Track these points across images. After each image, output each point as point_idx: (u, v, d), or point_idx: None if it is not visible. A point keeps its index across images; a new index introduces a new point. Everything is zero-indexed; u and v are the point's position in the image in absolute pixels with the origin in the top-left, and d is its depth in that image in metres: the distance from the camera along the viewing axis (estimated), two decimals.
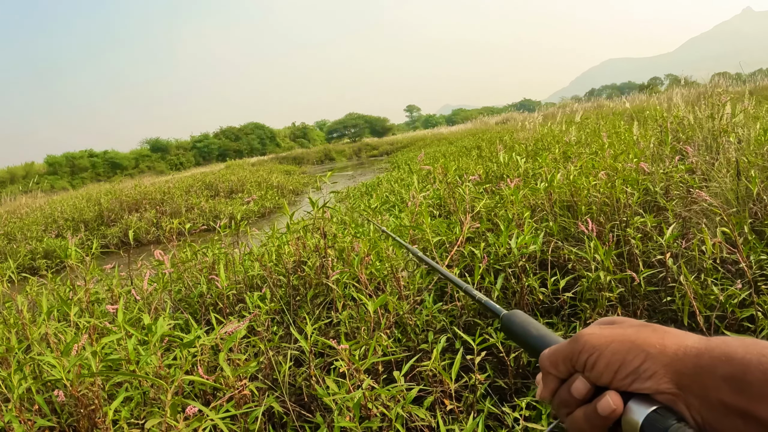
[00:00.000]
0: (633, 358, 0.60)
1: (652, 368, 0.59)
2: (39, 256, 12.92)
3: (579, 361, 0.65)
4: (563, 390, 0.67)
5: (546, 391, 0.70)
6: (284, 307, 3.46)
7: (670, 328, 0.63)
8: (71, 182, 57.18)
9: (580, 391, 0.64)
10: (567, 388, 0.66)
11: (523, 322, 0.80)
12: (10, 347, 2.43)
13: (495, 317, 0.87)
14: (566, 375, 0.68)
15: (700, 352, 0.57)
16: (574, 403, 0.65)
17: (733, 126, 5.94)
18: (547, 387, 0.70)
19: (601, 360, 0.62)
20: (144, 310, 3.26)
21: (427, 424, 2.36)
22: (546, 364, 0.70)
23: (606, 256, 2.98)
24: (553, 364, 0.68)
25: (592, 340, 0.64)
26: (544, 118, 21.98)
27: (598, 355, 0.63)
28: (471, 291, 1.01)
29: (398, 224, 4.46)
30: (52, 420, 2.24)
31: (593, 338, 0.64)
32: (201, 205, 17.64)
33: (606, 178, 4.64)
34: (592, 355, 0.63)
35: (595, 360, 0.63)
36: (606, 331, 0.65)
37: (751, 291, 2.60)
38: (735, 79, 22.86)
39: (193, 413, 1.86)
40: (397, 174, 14.00)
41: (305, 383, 2.75)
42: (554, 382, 0.69)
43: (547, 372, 0.70)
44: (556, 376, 0.69)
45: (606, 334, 0.64)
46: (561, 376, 0.68)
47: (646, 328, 0.64)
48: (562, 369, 0.67)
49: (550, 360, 0.69)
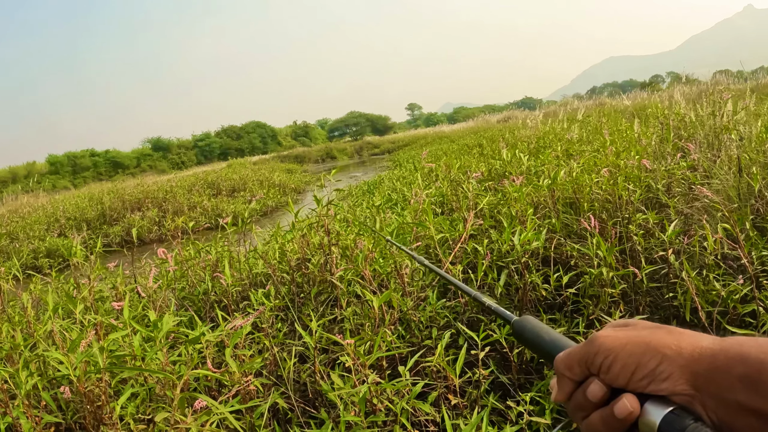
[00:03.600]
0: (649, 359, 0.61)
1: (668, 370, 0.59)
2: (41, 255, 12.94)
3: (594, 364, 0.65)
4: (579, 393, 0.67)
5: (561, 395, 0.70)
6: (288, 304, 3.48)
7: (684, 330, 0.63)
8: (73, 181, 57.24)
9: (596, 394, 0.64)
10: (582, 392, 0.66)
11: (534, 327, 0.80)
12: (16, 344, 2.45)
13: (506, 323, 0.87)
14: (581, 378, 0.68)
15: (715, 353, 0.57)
16: (590, 406, 0.65)
17: (734, 123, 5.95)
18: (562, 390, 0.70)
19: (617, 362, 0.63)
20: (149, 308, 3.27)
21: (432, 418, 2.38)
22: (561, 367, 0.69)
23: (608, 253, 2.99)
24: (568, 367, 0.68)
25: (608, 343, 0.64)
26: (546, 116, 21.96)
27: (613, 358, 0.63)
28: (480, 298, 1.00)
29: (401, 222, 4.47)
30: (58, 416, 2.26)
31: (609, 340, 0.65)
32: (203, 204, 17.65)
33: (608, 175, 4.64)
34: (607, 358, 0.63)
35: (610, 362, 0.63)
36: (621, 333, 0.65)
37: (753, 286, 2.62)
38: (736, 76, 22.82)
39: (201, 407, 1.88)
40: (398, 172, 13.99)
41: (309, 379, 2.77)
42: (569, 385, 0.69)
43: (562, 375, 0.70)
44: (571, 379, 0.69)
45: (621, 336, 0.64)
46: (576, 379, 0.68)
47: (660, 330, 0.64)
48: (578, 372, 0.68)
49: (565, 363, 0.69)
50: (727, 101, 6.42)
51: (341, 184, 16.64)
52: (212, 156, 75.16)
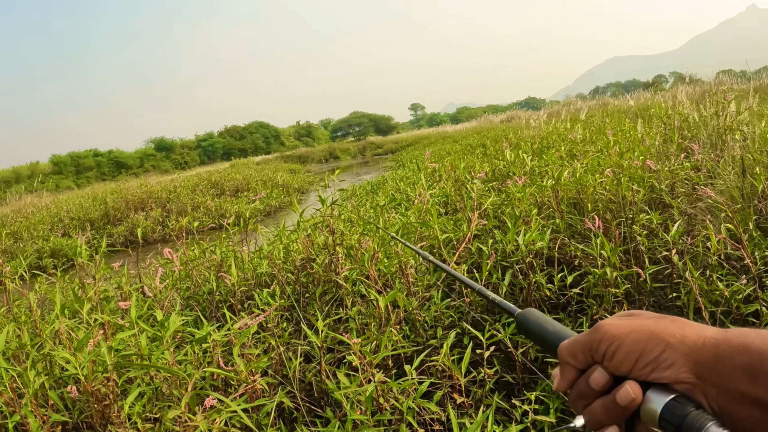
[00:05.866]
0: (653, 347, 0.61)
1: (671, 358, 0.60)
2: (46, 255, 12.95)
3: (599, 351, 0.65)
4: (581, 381, 0.68)
5: (564, 382, 0.70)
6: (294, 304, 3.49)
7: (688, 320, 0.63)
8: (76, 181, 57.38)
9: (599, 382, 0.65)
10: (585, 380, 0.67)
11: (538, 318, 0.81)
12: (23, 344, 2.47)
13: (510, 316, 0.88)
14: (585, 365, 0.68)
15: (718, 342, 0.58)
16: (592, 394, 0.66)
17: (738, 123, 5.94)
18: (564, 378, 0.70)
19: (621, 350, 0.63)
20: (154, 308, 3.29)
21: (437, 417, 2.39)
22: (565, 355, 0.70)
23: (612, 253, 3.00)
24: (572, 354, 0.69)
25: (613, 330, 0.65)
26: (549, 116, 21.96)
27: (618, 345, 0.63)
28: (484, 291, 1.02)
29: (405, 222, 4.48)
30: (65, 415, 2.27)
31: (613, 328, 0.65)
32: (207, 204, 17.65)
33: (612, 175, 4.65)
34: (612, 345, 0.64)
35: (615, 350, 0.64)
36: (625, 322, 0.65)
37: (756, 286, 2.63)
38: (740, 76, 22.81)
39: (210, 405, 1.89)
40: (402, 172, 13.99)
41: (315, 378, 2.78)
42: (572, 372, 0.69)
43: (566, 362, 0.70)
44: (574, 367, 0.69)
45: (626, 325, 0.65)
46: (580, 366, 0.69)
47: (665, 320, 0.64)
48: (581, 359, 0.68)
49: (569, 350, 0.69)
50: (731, 101, 6.41)
51: (345, 184, 16.64)
52: (215, 156, 75.29)
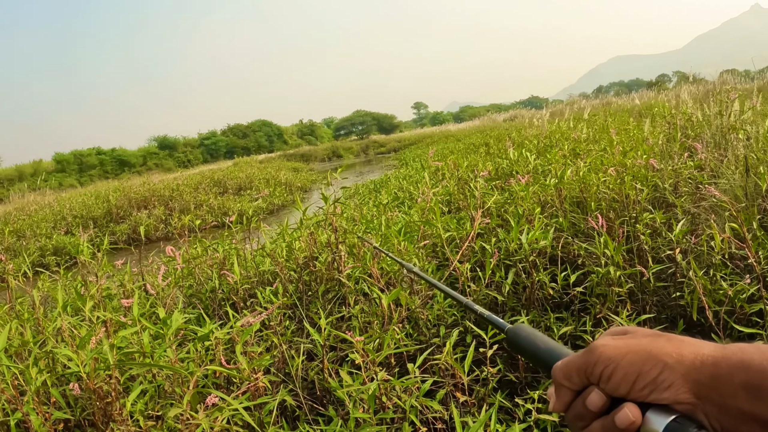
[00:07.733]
0: (650, 368, 0.60)
1: (670, 378, 0.59)
2: (48, 253, 12.97)
3: (594, 373, 0.64)
4: (578, 403, 0.66)
5: (559, 404, 0.69)
6: (296, 302, 3.49)
7: (684, 337, 0.62)
8: (79, 180, 57.51)
9: (596, 404, 0.63)
10: (582, 401, 0.65)
11: (529, 335, 0.78)
12: (26, 341, 2.47)
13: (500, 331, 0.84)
14: (580, 387, 0.67)
15: (717, 361, 0.57)
16: (589, 416, 0.64)
17: (741, 123, 5.93)
18: (560, 400, 0.69)
19: (617, 371, 0.62)
20: (157, 305, 3.29)
21: (440, 416, 2.38)
22: (559, 376, 0.68)
23: (616, 252, 2.99)
24: (567, 376, 0.67)
25: (608, 352, 0.63)
26: (552, 115, 21.95)
27: (614, 367, 0.62)
28: (472, 306, 0.97)
29: (408, 220, 4.48)
30: (67, 413, 2.27)
31: (608, 349, 0.64)
32: (210, 202, 17.68)
33: (615, 174, 4.65)
34: (608, 367, 0.62)
35: (611, 372, 0.62)
36: (620, 342, 0.64)
37: (760, 286, 2.61)
38: (743, 76, 22.76)
39: (212, 403, 1.89)
40: (405, 171, 13.99)
41: (318, 377, 2.78)
42: (568, 394, 0.68)
43: (560, 384, 0.68)
44: (569, 389, 0.68)
45: (621, 345, 0.64)
46: (575, 389, 0.67)
47: (661, 338, 0.63)
48: (576, 381, 0.66)
49: (563, 372, 0.68)
50: (734, 101, 6.40)
51: (348, 182, 16.64)
52: (218, 154, 75.44)
